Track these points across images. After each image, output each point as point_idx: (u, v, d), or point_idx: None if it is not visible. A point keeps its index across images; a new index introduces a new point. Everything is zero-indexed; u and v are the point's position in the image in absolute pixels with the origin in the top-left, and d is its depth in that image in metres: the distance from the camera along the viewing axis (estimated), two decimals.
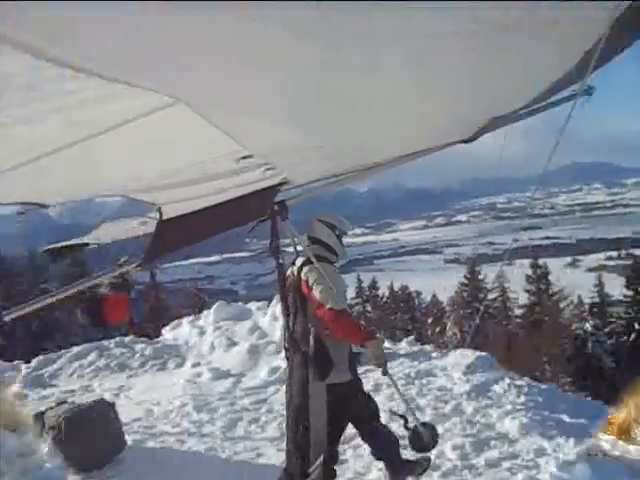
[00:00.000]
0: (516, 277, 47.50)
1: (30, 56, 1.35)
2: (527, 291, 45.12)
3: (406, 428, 5.34)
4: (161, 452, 6.73)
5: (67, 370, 11.01)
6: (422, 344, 11.63)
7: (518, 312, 46.70)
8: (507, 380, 7.96)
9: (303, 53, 1.81)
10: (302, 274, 4.62)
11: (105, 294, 6.00)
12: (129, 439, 7.09)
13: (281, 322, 10.91)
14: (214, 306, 12.70)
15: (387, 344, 12.09)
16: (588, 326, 40.38)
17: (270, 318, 11.56)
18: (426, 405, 7.33)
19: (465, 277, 48.23)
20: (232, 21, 1.44)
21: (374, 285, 55.27)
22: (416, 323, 49.25)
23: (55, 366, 11.12)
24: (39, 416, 6.46)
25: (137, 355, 11.35)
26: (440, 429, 6.32)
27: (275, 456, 6.34)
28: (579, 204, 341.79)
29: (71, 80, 1.54)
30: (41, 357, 11.53)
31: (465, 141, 4.67)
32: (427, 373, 8.83)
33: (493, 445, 6.04)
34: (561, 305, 42.55)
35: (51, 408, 6.61)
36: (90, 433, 6.19)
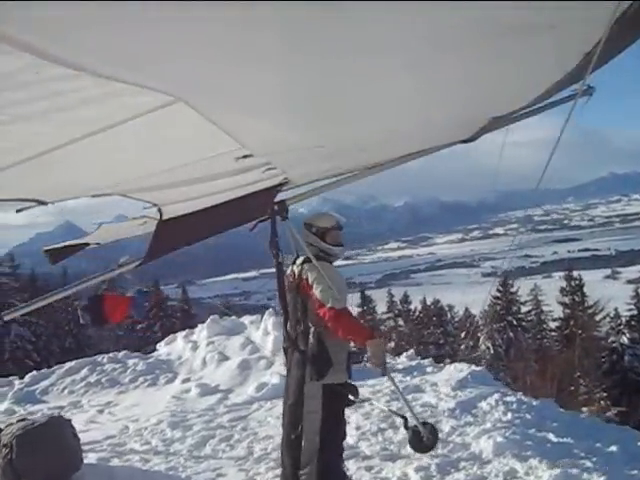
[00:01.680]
0: (553, 290, 46.69)
1: (30, 55, 1.35)
2: (561, 304, 44.31)
3: (406, 428, 5.46)
4: (121, 470, 6.45)
5: (59, 386, 10.84)
6: (422, 358, 11.20)
7: (553, 325, 45.90)
8: (496, 396, 7.52)
9: (303, 52, 1.81)
10: (302, 273, 4.62)
11: (104, 293, 5.93)
12: (95, 457, 6.89)
13: (272, 336, 10.76)
14: (207, 320, 12.46)
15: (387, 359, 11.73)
16: (625, 339, 39.25)
17: (262, 333, 11.29)
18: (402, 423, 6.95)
19: (498, 290, 47.48)
20: (232, 20, 1.43)
21: (406, 299, 54.88)
22: (449, 337, 48.50)
23: (47, 382, 10.97)
24: None
25: (129, 370, 11.13)
26: (409, 449, 5.99)
27: (235, 476, 6.05)
28: (618, 215, 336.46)
29: (71, 79, 1.54)
30: (35, 372, 11.42)
31: (465, 141, 4.78)
32: (416, 389, 8.46)
33: (462, 467, 5.59)
34: (597, 318, 41.56)
35: (11, 424, 6.40)
36: (43, 451, 5.93)
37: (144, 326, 42.79)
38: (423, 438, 5.36)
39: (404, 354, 11.40)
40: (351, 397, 4.80)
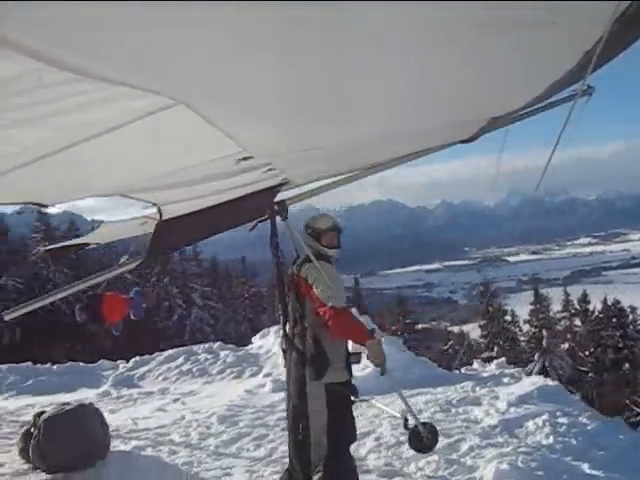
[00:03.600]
0: None
1: (31, 59, 1.38)
2: None
3: (406, 428, 5.51)
4: (144, 460, 6.59)
5: (155, 372, 11.52)
6: (515, 367, 10.51)
7: None
8: (546, 416, 6.86)
9: (304, 54, 1.84)
10: (302, 272, 4.65)
11: (103, 292, 6.19)
12: (133, 444, 7.18)
13: None
14: None
15: (475, 365, 11.20)
16: None
17: None
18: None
19: None
20: (233, 22, 1.46)
21: (584, 298, 51.77)
22: (629, 341, 45.02)
23: (146, 367, 11.69)
24: (38, 416, 6.76)
25: (219, 362, 11.53)
26: (412, 467, 5.68)
27: (242, 477, 6.06)
28: None
29: (71, 82, 1.57)
30: (138, 358, 12.19)
31: (464, 141, 4.73)
32: (471, 401, 7.96)
33: None
34: None
35: (52, 409, 6.88)
36: (64, 436, 6.31)
37: None
38: (423, 438, 5.37)
39: (494, 362, 10.77)
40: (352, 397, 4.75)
